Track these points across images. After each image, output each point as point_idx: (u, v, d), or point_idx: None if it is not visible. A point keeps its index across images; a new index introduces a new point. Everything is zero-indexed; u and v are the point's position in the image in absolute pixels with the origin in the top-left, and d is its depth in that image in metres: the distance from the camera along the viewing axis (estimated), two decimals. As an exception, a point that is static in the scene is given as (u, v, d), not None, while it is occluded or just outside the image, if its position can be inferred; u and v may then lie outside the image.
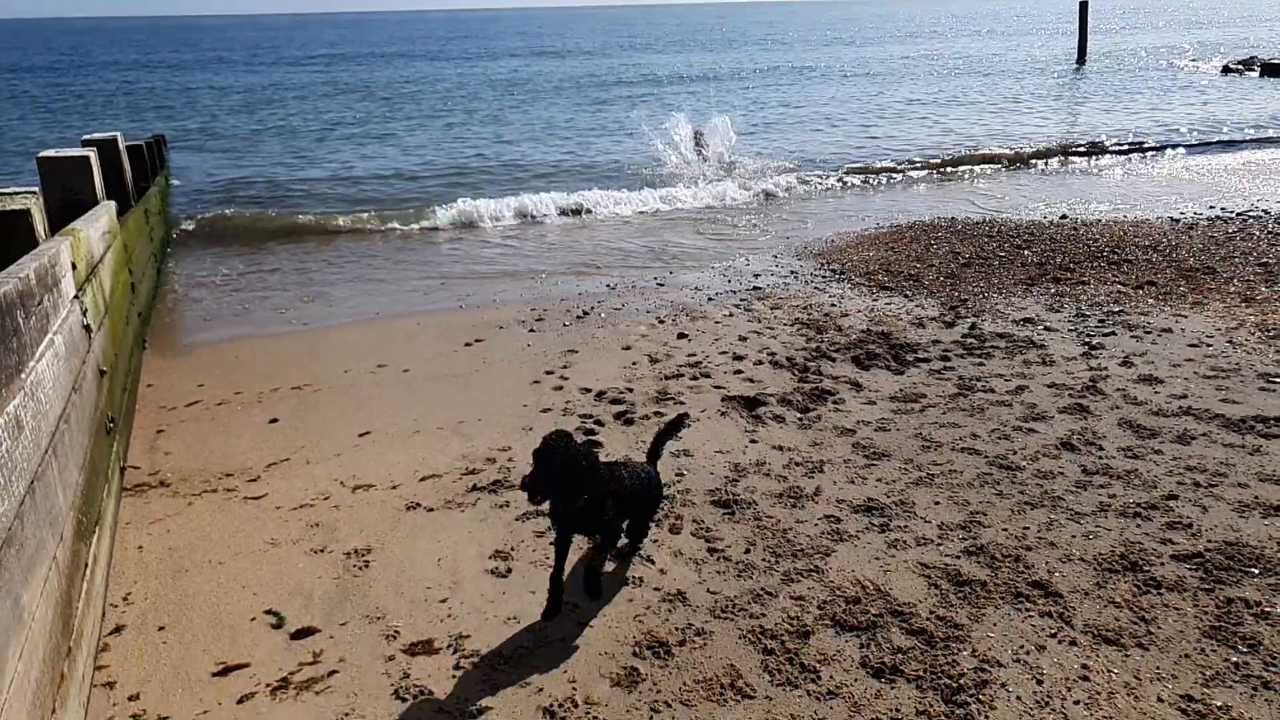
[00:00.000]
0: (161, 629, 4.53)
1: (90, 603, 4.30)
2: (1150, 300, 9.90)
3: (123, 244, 9.04)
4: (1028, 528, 5.31)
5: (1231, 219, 14.32)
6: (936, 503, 5.68)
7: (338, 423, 7.34)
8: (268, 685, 4.08)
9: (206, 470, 6.50)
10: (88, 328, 5.72)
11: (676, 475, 6.17)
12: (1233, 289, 10.12)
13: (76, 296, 5.50)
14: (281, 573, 5.05)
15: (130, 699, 3.99)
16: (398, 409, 7.61)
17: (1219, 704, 3.78)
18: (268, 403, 7.87)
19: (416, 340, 9.67)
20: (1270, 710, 3.74)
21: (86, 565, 4.35)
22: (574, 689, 4.03)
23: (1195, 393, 7.18)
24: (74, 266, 5.57)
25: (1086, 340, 8.65)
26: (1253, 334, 8.51)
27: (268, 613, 4.65)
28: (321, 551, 5.28)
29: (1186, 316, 9.21)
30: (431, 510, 5.79)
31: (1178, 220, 14.44)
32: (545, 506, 4.54)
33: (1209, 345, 8.27)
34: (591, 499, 4.44)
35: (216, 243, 15.82)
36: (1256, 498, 5.50)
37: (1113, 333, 8.84)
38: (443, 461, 6.51)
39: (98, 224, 7.20)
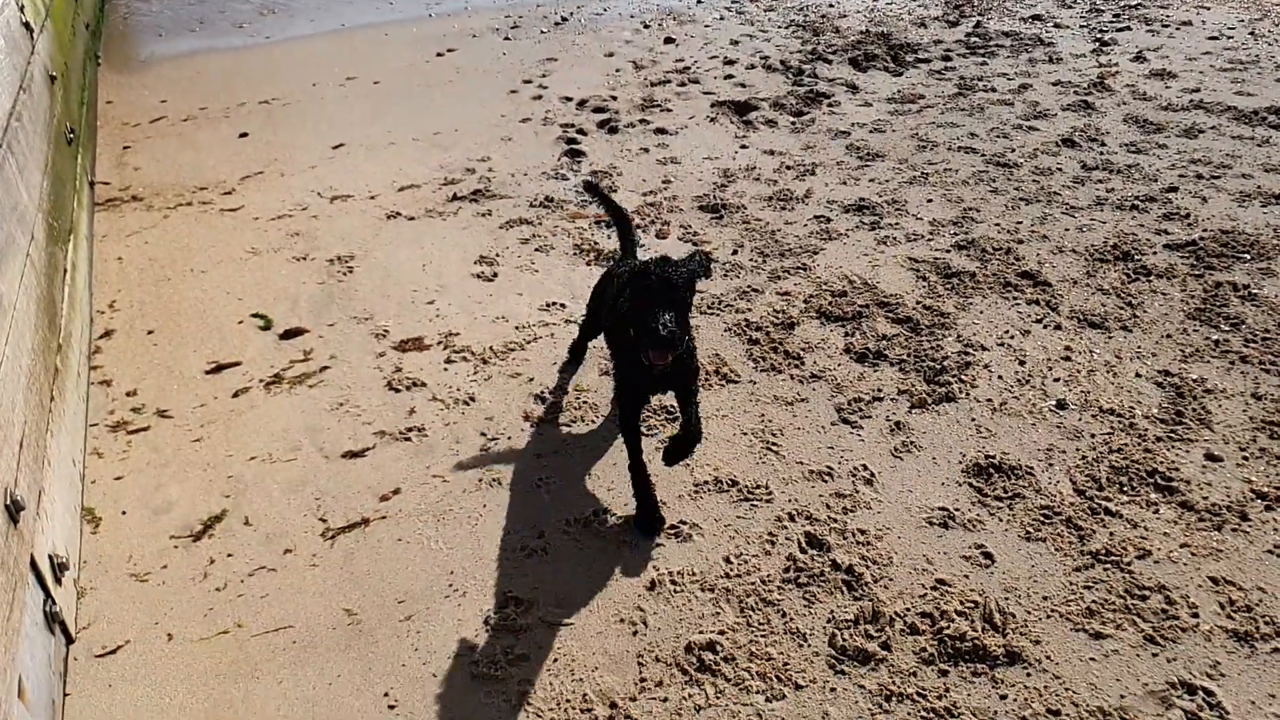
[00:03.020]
0: (150, 333, 4.53)
1: (75, 306, 4.27)
2: (1172, -7, 9.22)
3: (52, -57, 8.20)
4: (1021, 222, 5.22)
5: (1271, -96, 13.07)
6: (929, 200, 5.54)
7: (310, 136, 7.01)
8: (261, 380, 4.13)
9: (179, 184, 6.27)
10: (27, 26, 5.29)
11: (663, 182, 5.98)
12: (1262, -21, 9.40)
13: (7, -9, 5.02)
14: (265, 279, 4.99)
15: (128, 394, 4.06)
16: (370, 121, 7.24)
17: (1195, 377, 3.87)
18: (235, 117, 7.47)
19: (385, 51, 9.05)
20: (1245, 381, 3.83)
21: (65, 270, 4.28)
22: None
23: (1209, 86, 6.83)
24: (-4, -43, 5.04)
25: (1099, 36, 8.13)
26: (1277, 24, 7.98)
27: (254, 316, 4.63)
28: (304, 259, 5.20)
29: (1209, 8, 8.61)
30: (413, 219, 5.64)
31: (1212, -94, 13.18)
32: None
33: (1229, 37, 7.79)
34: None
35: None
36: (1259, 187, 5.36)
37: (1127, 28, 8.29)
38: (421, 172, 6.28)
39: (16, -88, 6.46)
